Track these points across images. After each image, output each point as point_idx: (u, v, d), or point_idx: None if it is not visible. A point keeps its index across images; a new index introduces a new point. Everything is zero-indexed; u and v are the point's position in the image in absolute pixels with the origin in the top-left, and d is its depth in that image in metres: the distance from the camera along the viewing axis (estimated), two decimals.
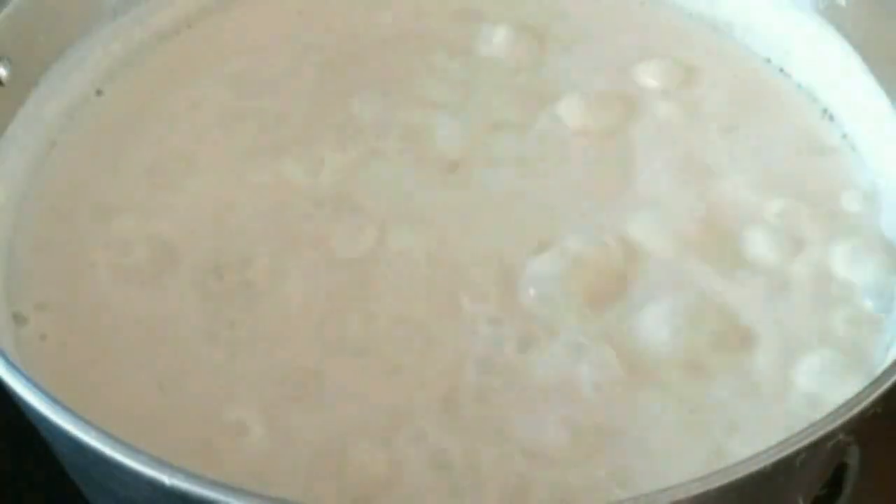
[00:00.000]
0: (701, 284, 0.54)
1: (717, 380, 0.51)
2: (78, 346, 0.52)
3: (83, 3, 0.63)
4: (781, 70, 0.66)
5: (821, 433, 0.41)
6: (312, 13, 0.68)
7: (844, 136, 0.62)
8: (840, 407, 0.42)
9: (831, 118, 0.63)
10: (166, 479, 0.39)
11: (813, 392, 0.51)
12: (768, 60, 0.66)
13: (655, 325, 0.53)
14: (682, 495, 0.40)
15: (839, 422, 0.42)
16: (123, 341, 0.52)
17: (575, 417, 0.50)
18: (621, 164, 0.60)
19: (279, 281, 0.54)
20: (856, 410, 0.42)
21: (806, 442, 0.41)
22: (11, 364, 0.44)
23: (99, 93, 0.64)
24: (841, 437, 0.42)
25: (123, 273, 0.55)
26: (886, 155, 0.60)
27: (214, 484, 0.39)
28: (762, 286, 0.55)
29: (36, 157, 0.60)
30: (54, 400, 0.42)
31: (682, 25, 0.68)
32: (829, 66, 0.63)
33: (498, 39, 0.66)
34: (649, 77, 0.64)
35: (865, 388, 0.43)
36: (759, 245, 0.56)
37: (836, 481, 0.57)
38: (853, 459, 0.57)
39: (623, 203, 0.58)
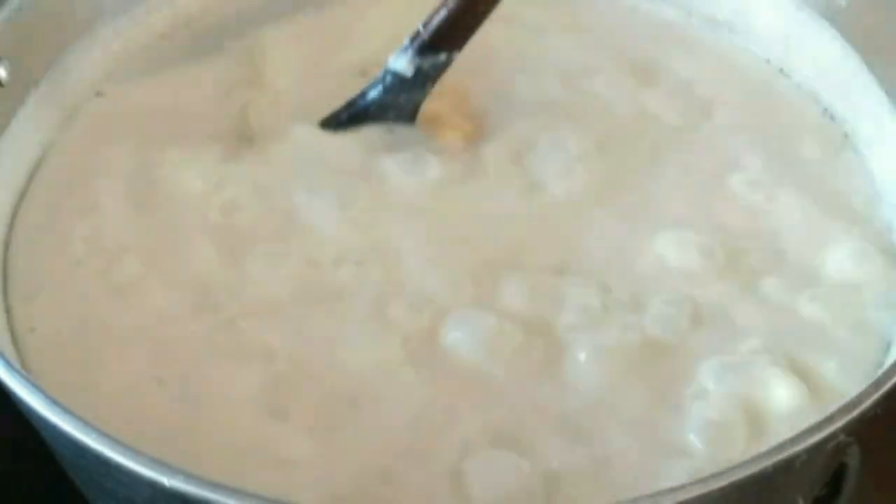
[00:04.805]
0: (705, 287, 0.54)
1: None
2: (72, 342, 0.52)
3: (83, 3, 0.63)
4: (781, 70, 0.66)
5: (821, 434, 0.41)
6: None
7: (845, 136, 0.62)
8: (840, 408, 0.42)
9: (831, 118, 0.63)
10: (166, 479, 0.39)
11: None
12: (768, 60, 0.66)
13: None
14: (682, 496, 0.40)
15: (839, 423, 0.42)
16: (119, 340, 0.52)
17: None
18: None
19: (272, 274, 0.54)
20: (856, 411, 0.42)
21: (806, 443, 0.41)
22: (11, 364, 0.44)
23: (99, 93, 0.64)
24: (841, 437, 0.42)
25: (123, 273, 0.55)
26: (887, 155, 0.60)
27: (214, 484, 0.39)
28: (762, 284, 0.54)
29: (36, 157, 0.60)
30: (54, 401, 0.42)
31: (682, 25, 0.68)
32: (829, 66, 0.63)
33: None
34: (648, 77, 0.64)
35: (866, 389, 0.43)
36: (759, 244, 0.56)
37: (836, 481, 0.57)
38: (853, 459, 0.57)
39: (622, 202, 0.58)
